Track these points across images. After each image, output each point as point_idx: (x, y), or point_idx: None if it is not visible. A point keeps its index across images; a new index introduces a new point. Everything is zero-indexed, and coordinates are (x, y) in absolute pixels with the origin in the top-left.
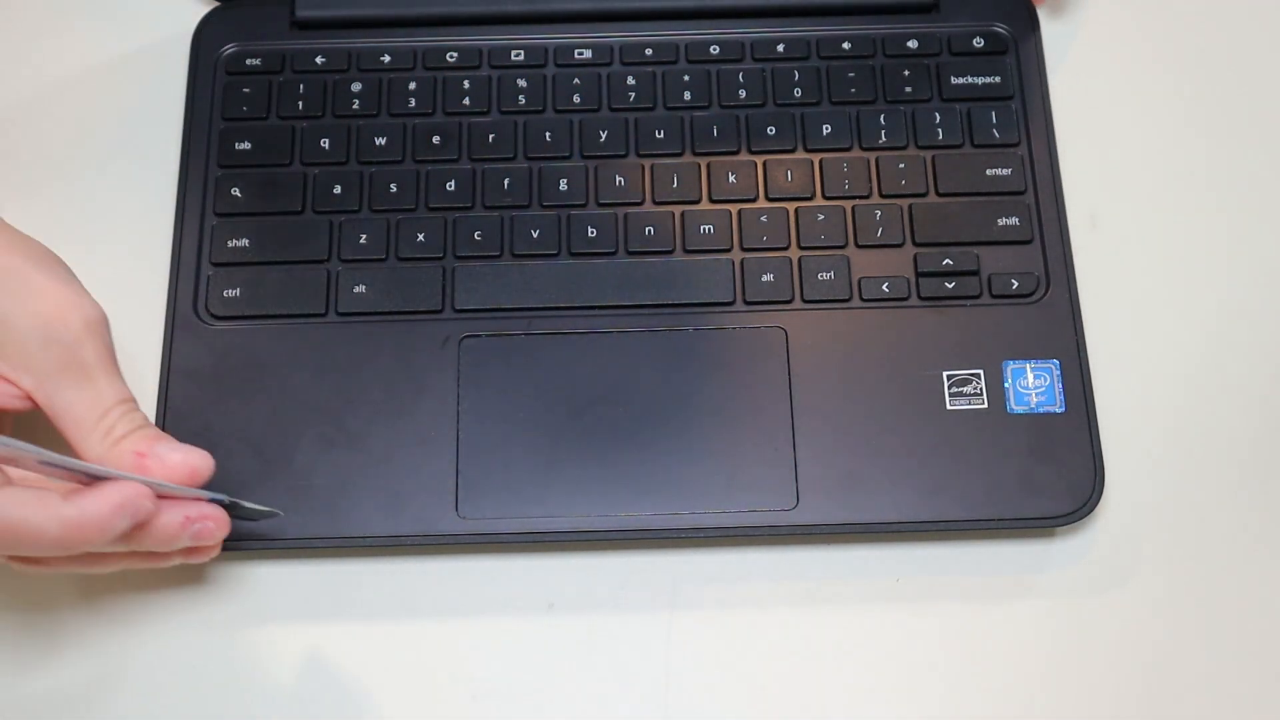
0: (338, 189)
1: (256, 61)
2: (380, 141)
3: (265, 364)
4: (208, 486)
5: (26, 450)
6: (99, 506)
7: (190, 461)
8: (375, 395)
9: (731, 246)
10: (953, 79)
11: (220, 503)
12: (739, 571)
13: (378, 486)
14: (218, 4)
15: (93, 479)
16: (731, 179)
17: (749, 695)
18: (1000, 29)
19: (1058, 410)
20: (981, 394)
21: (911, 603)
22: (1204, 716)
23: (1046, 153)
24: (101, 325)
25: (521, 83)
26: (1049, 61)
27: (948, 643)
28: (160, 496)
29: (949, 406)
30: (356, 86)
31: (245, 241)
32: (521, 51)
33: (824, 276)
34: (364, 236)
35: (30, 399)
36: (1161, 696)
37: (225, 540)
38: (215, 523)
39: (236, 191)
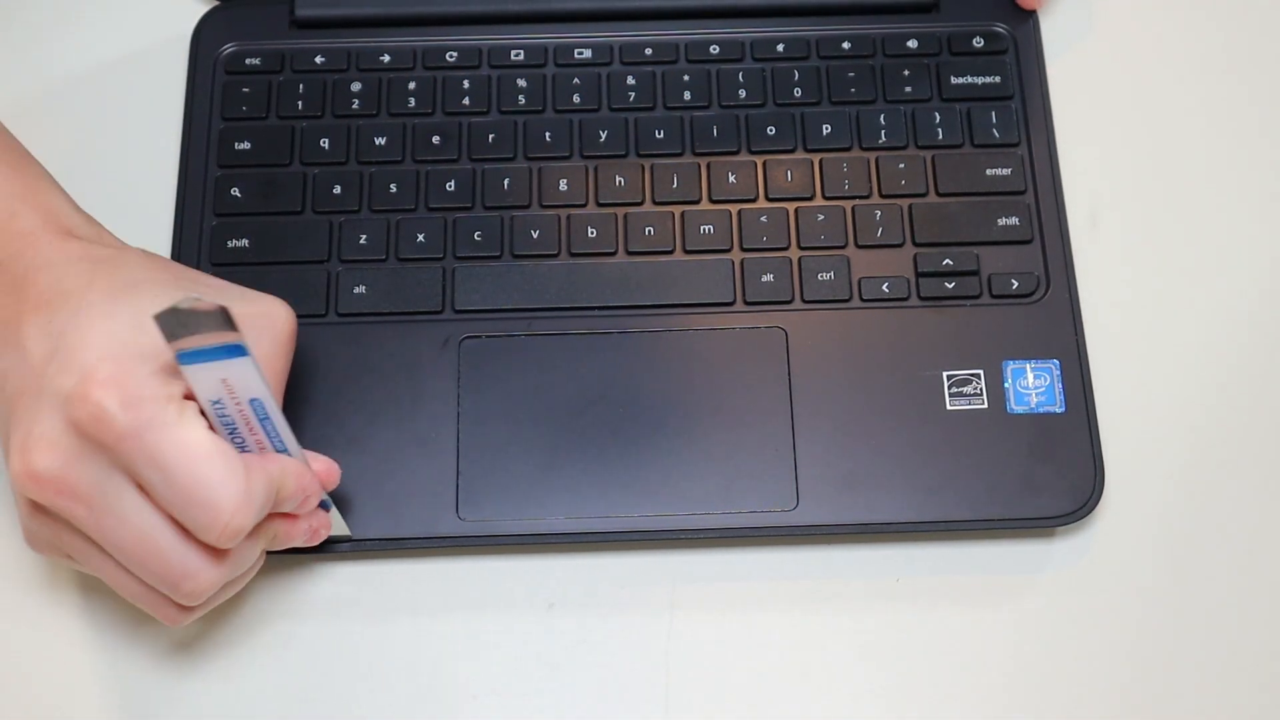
0: (338, 189)
1: (256, 61)
2: (380, 141)
3: None
4: None
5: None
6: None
7: (330, 465)
8: (375, 396)
9: (731, 246)
10: (953, 79)
11: (324, 505)
12: (739, 571)
13: (378, 487)
14: (218, 4)
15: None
16: (731, 179)
17: (749, 695)
18: (1000, 28)
19: (1058, 410)
20: (981, 394)
21: (911, 603)
22: (1204, 716)
23: (1046, 152)
24: (294, 331)
25: (521, 83)
26: (1049, 61)
27: (948, 642)
28: None
29: (949, 406)
30: (356, 86)
31: (245, 241)
32: (521, 51)
33: (824, 276)
34: (364, 236)
35: None
36: (1162, 696)
37: None
38: (325, 529)
39: (236, 191)
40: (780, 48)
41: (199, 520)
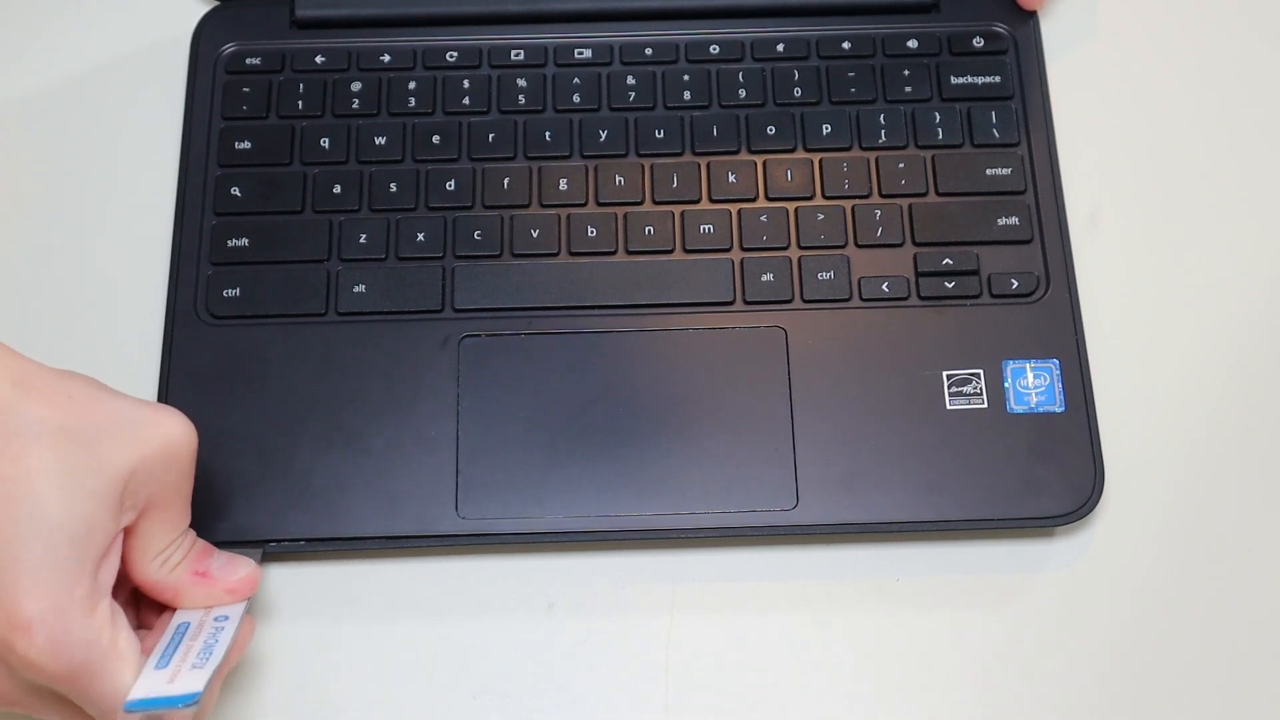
0: (338, 189)
1: (256, 61)
2: (380, 141)
3: (265, 364)
4: None
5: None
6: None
7: (250, 577)
8: (375, 395)
9: (731, 246)
10: (952, 79)
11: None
12: (739, 571)
13: (378, 486)
14: (218, 4)
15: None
16: (731, 179)
17: (749, 695)
18: (1000, 28)
19: (1058, 410)
20: (981, 394)
21: (911, 603)
22: (1204, 716)
23: (1046, 152)
24: (195, 447)
25: (521, 82)
26: (1049, 61)
27: (947, 642)
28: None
29: (949, 406)
30: (356, 86)
31: (245, 241)
32: (521, 51)
33: (824, 276)
34: (364, 236)
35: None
36: (1161, 696)
37: (226, 541)
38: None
39: (236, 191)
40: (780, 48)
41: None
